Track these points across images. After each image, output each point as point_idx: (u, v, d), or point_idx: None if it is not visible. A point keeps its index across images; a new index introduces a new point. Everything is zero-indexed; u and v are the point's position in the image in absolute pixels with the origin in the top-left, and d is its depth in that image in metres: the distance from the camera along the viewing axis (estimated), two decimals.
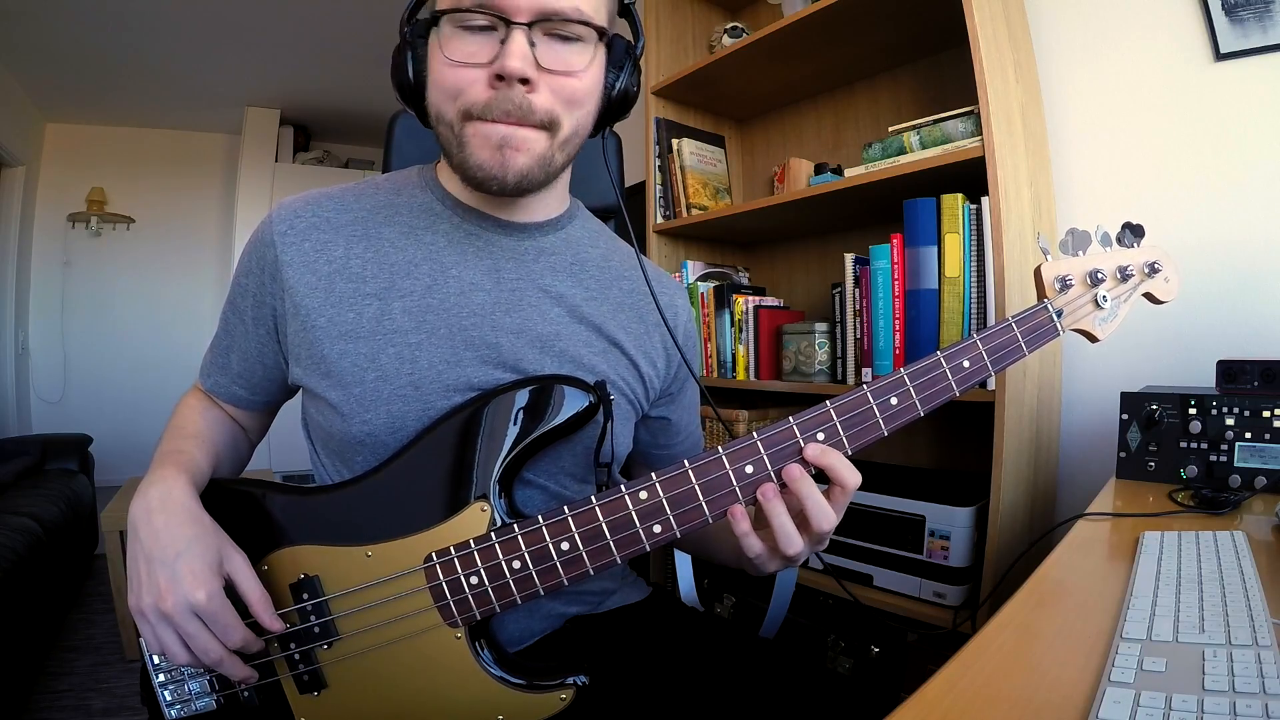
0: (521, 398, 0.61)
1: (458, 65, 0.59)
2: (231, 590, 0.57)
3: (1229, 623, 0.46)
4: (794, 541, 0.55)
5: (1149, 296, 0.69)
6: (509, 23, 0.57)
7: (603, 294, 0.73)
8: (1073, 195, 1.36)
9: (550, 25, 0.58)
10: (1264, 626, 0.45)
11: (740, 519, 0.56)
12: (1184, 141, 1.24)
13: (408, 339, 0.64)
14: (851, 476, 0.56)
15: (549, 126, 0.61)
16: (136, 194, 4.03)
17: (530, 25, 0.57)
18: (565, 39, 0.60)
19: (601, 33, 0.62)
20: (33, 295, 3.83)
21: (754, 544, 0.57)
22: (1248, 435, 0.88)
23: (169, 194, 4.11)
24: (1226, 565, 0.57)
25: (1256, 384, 0.91)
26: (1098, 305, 0.66)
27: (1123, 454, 0.98)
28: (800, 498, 0.55)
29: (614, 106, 0.67)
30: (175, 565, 0.55)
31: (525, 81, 0.58)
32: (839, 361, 1.48)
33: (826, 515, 0.55)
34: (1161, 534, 0.67)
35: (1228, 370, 0.94)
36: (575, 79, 0.61)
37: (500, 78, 0.58)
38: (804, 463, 0.56)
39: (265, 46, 3.22)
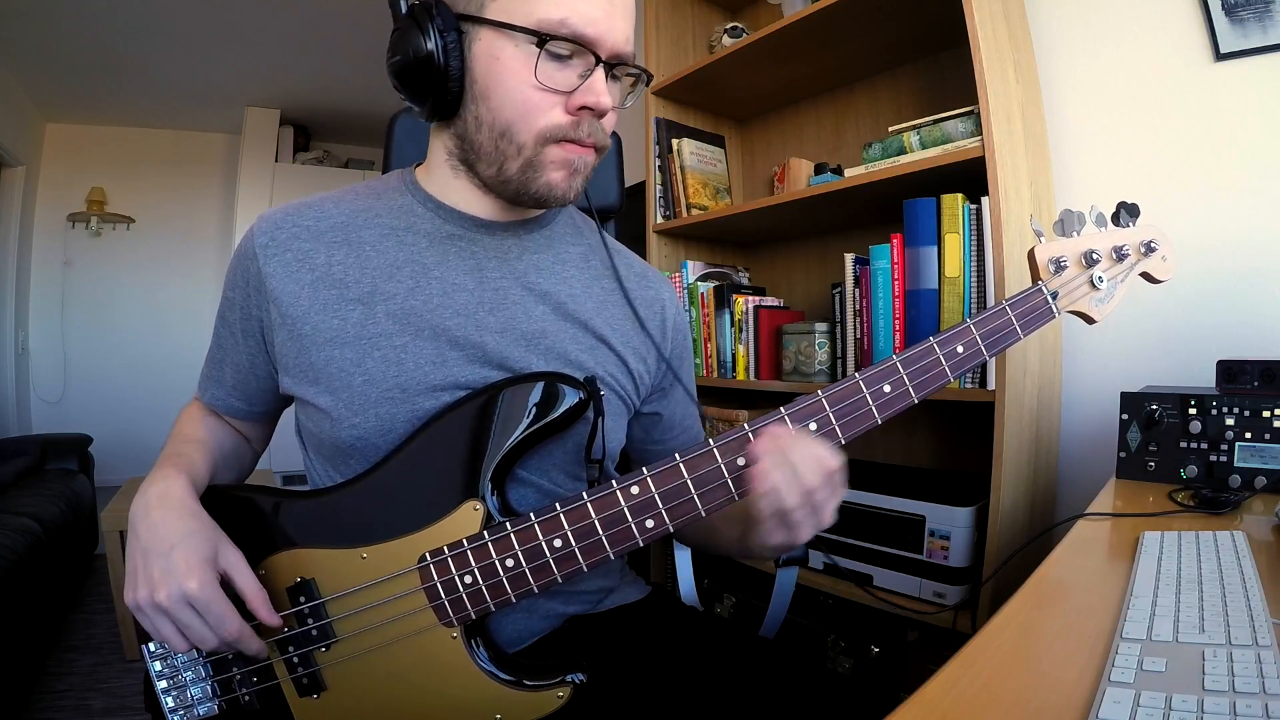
0: (512, 396, 0.61)
1: (545, 90, 0.60)
2: (230, 589, 0.58)
3: (1229, 623, 0.46)
4: (792, 491, 0.52)
5: (1146, 276, 0.68)
6: (597, 59, 0.60)
7: (587, 291, 0.73)
8: (1073, 195, 1.36)
9: (620, 68, 0.64)
10: (1264, 626, 0.44)
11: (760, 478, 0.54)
12: (1184, 141, 1.24)
13: (393, 341, 0.64)
14: (829, 459, 0.53)
15: (603, 151, 0.66)
16: (136, 194, 4.02)
17: (610, 64, 0.62)
18: (616, 76, 0.65)
19: (647, 78, 0.68)
20: (33, 295, 3.82)
21: (774, 499, 0.53)
22: (1248, 435, 0.88)
23: (169, 194, 4.10)
24: (1226, 565, 0.57)
25: (1256, 384, 0.91)
26: (1094, 286, 0.65)
27: (1123, 454, 0.98)
28: (787, 451, 0.53)
29: None
30: (170, 556, 0.56)
31: (602, 114, 0.63)
32: (839, 361, 1.48)
33: (814, 464, 0.53)
34: (1161, 534, 0.67)
35: (1228, 370, 0.94)
36: (616, 113, 0.66)
37: (582, 108, 0.61)
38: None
39: (265, 46, 3.22)
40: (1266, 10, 1.13)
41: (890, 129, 1.35)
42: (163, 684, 0.62)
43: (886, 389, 0.58)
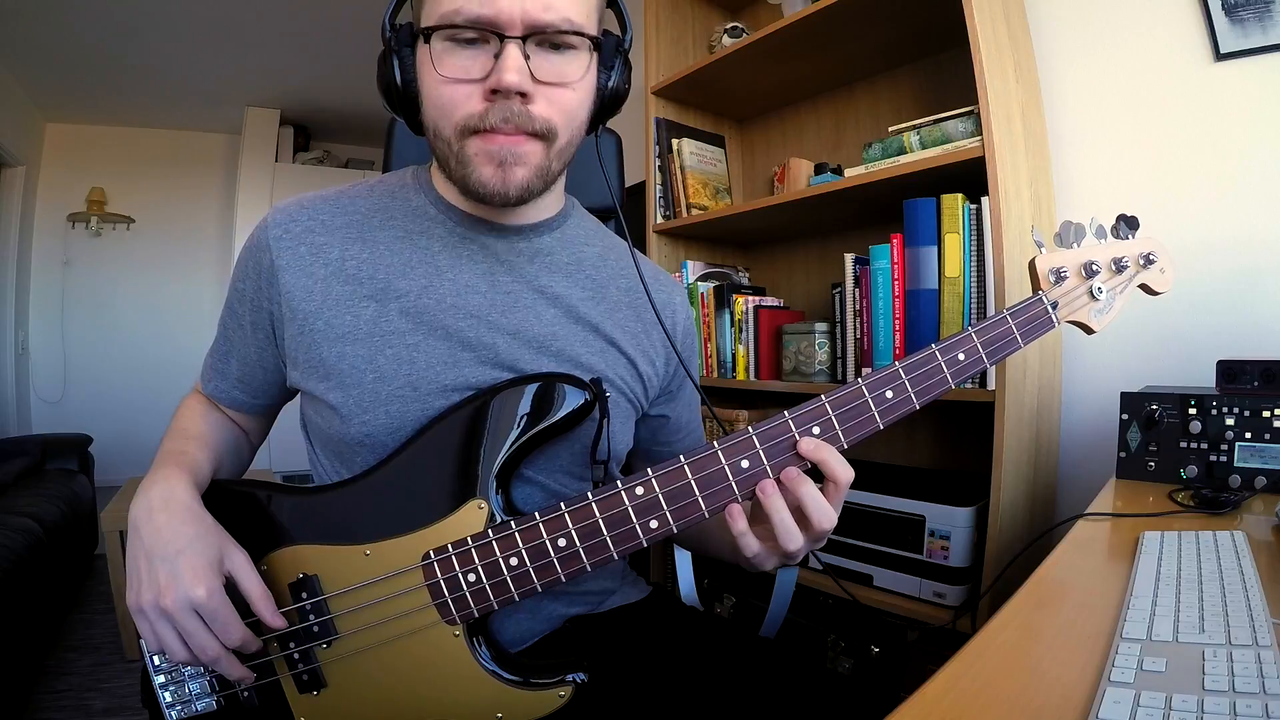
0: (518, 395, 0.61)
1: (451, 81, 0.58)
2: (233, 589, 0.57)
3: (1229, 623, 0.46)
4: (794, 537, 0.55)
5: (1145, 288, 0.69)
6: (502, 37, 0.56)
7: (599, 293, 0.73)
8: (1073, 195, 1.36)
9: (543, 37, 0.58)
10: (1264, 626, 0.44)
11: (737, 518, 0.56)
12: (1184, 141, 1.24)
13: (405, 340, 0.64)
14: (844, 472, 0.56)
15: (546, 136, 0.60)
16: (136, 194, 4.02)
17: (524, 39, 0.57)
18: (558, 48, 0.59)
19: (595, 42, 0.61)
20: (33, 295, 3.82)
21: (751, 543, 0.57)
22: (1248, 435, 0.88)
23: (169, 194, 4.11)
24: (1226, 565, 0.57)
25: (1256, 384, 0.91)
26: (1093, 297, 0.66)
27: (1123, 454, 0.98)
28: (799, 498, 0.55)
29: (607, 106, 0.67)
30: (176, 562, 0.55)
31: (523, 95, 0.58)
32: (839, 361, 1.48)
33: (827, 514, 0.55)
34: (1161, 534, 0.67)
35: (1228, 370, 0.94)
36: (570, 90, 0.61)
37: (495, 92, 0.57)
38: (798, 457, 0.56)
39: (265, 46, 3.22)
40: (1266, 10, 1.13)
41: (890, 129, 1.35)
42: (160, 679, 0.61)
43: (889, 394, 0.58)
